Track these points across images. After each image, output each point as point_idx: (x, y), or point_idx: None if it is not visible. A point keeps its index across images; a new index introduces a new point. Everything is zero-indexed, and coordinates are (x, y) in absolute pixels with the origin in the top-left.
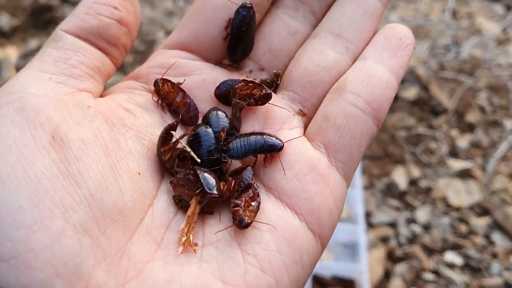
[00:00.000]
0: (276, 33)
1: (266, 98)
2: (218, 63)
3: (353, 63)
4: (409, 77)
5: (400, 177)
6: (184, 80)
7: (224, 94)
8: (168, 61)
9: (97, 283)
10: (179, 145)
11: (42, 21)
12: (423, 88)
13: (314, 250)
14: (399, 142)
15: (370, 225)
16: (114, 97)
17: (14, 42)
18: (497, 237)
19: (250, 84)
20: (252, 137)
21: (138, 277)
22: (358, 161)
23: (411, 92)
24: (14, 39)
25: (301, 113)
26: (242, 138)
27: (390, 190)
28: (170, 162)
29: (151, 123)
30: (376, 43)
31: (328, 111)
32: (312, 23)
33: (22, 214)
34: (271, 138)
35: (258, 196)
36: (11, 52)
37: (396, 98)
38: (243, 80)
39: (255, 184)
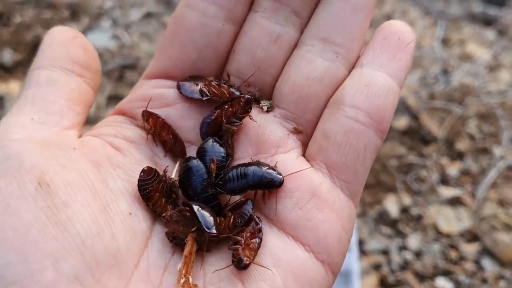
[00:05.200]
0: (257, 42)
1: (248, 104)
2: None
3: (346, 68)
4: (400, 107)
5: (391, 205)
6: (163, 119)
7: (210, 134)
8: (149, 93)
9: None
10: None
11: None
12: (414, 118)
13: (324, 281)
14: (391, 170)
15: (363, 253)
16: (102, 132)
17: (17, 77)
18: (486, 262)
19: (226, 106)
20: (250, 171)
21: None
22: (364, 178)
23: (402, 122)
24: (16, 74)
25: (296, 131)
26: (238, 172)
27: (382, 218)
28: (159, 207)
29: (140, 159)
30: (374, 46)
31: (327, 128)
32: (296, 25)
33: (12, 269)
34: (270, 172)
35: (260, 231)
36: (14, 87)
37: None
38: (216, 108)
39: (257, 218)
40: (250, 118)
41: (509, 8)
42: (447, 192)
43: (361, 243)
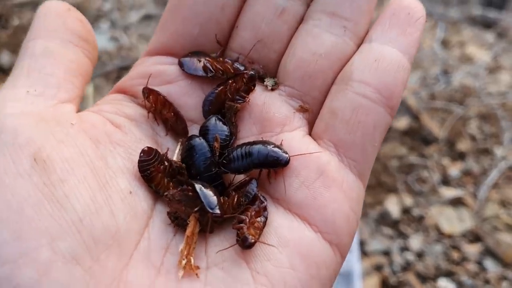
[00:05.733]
0: (261, 17)
1: (251, 81)
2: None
3: (354, 43)
4: (400, 107)
5: (393, 205)
6: (164, 96)
7: (213, 112)
8: (150, 69)
9: None
10: (169, 159)
11: None
12: (414, 118)
13: (332, 262)
14: (391, 171)
15: (364, 253)
16: (102, 109)
17: None
18: (489, 263)
19: (228, 83)
20: (255, 150)
21: None
22: (373, 157)
23: (403, 122)
24: None
25: (302, 109)
26: (243, 151)
27: (384, 219)
28: (162, 187)
29: (141, 137)
30: (382, 21)
31: (335, 105)
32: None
33: (6, 248)
34: (275, 151)
35: (265, 210)
36: None
37: (388, 128)
38: (219, 85)
39: (261, 197)
40: (247, 101)
41: (509, 11)
42: (449, 192)
43: (362, 243)
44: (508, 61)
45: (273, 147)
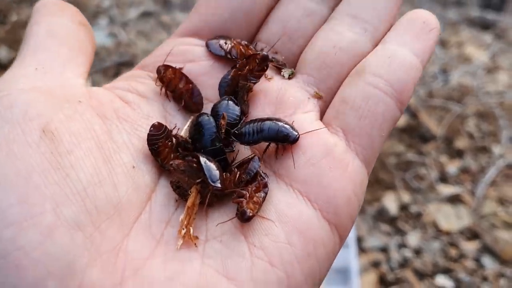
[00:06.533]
0: (290, 14)
1: (264, 61)
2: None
3: (372, 45)
4: None
5: (390, 202)
6: (182, 67)
7: (229, 93)
8: (175, 49)
9: (92, 282)
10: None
11: None
12: (412, 116)
13: (330, 242)
14: (389, 168)
15: (361, 250)
16: (115, 86)
17: None
18: (487, 260)
19: (242, 62)
20: (266, 124)
21: (136, 275)
22: (379, 147)
23: (401, 120)
24: None
25: (317, 95)
26: (255, 124)
27: (381, 215)
28: (167, 162)
29: (149, 113)
30: (398, 27)
31: (347, 94)
32: (330, 5)
33: (12, 211)
34: (286, 127)
35: (265, 186)
36: None
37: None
38: (233, 67)
39: (262, 174)
40: (265, 77)
41: (507, 12)
42: (447, 190)
43: (359, 240)
44: (506, 61)
45: (284, 123)
